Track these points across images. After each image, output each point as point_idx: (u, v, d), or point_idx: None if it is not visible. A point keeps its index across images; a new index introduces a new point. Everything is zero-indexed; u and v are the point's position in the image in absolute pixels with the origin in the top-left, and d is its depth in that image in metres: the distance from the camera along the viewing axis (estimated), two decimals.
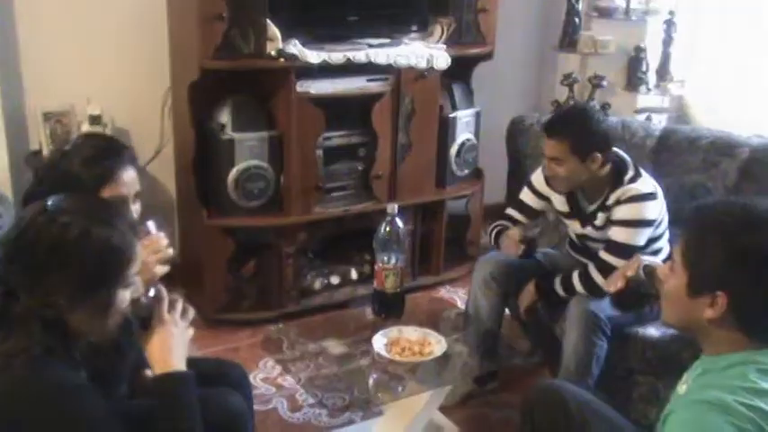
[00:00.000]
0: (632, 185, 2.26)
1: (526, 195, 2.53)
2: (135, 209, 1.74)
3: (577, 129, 2.26)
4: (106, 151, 1.72)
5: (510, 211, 2.55)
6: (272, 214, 2.99)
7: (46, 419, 1.24)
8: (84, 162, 1.67)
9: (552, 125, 2.31)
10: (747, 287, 1.30)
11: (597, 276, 2.25)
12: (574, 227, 2.44)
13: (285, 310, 3.07)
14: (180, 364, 1.43)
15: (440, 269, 3.49)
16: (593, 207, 2.34)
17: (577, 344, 2.21)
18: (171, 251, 1.72)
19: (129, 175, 1.72)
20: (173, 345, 1.45)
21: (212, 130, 2.92)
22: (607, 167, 2.27)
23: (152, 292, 1.49)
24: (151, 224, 1.73)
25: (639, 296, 1.89)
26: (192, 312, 1.53)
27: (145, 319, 1.46)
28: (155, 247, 1.69)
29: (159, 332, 1.46)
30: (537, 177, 2.50)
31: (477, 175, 3.55)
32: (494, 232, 2.52)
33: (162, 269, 1.69)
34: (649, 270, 1.75)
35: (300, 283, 3.15)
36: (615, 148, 2.34)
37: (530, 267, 2.52)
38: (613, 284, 1.92)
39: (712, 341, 1.38)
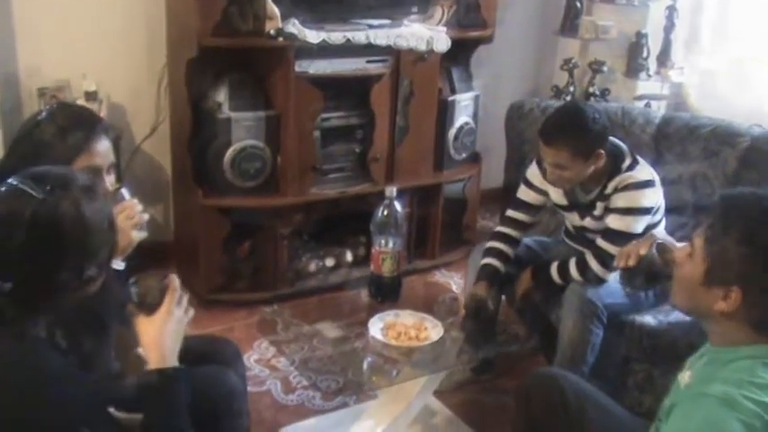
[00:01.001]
0: (630, 173, 2.24)
1: (524, 193, 2.48)
2: (110, 180, 1.73)
3: (576, 133, 2.19)
4: (80, 121, 1.70)
5: (510, 213, 2.49)
6: (267, 195, 2.97)
7: (31, 406, 1.21)
8: (57, 132, 1.65)
9: (550, 133, 2.22)
10: (765, 286, 1.29)
11: (594, 264, 2.24)
12: (572, 219, 2.42)
13: (280, 292, 3.06)
14: (174, 359, 1.41)
15: (436, 253, 3.48)
16: (590, 197, 2.32)
17: (573, 331, 2.20)
18: (146, 216, 1.72)
19: (103, 146, 1.70)
20: (171, 338, 1.42)
21: (209, 109, 2.88)
22: (605, 158, 2.25)
23: (165, 281, 1.47)
24: (125, 191, 1.75)
25: (651, 275, 1.84)
26: (192, 313, 1.50)
27: (149, 304, 1.44)
28: (129, 213, 1.69)
29: (162, 322, 1.42)
30: (532, 172, 2.45)
31: (475, 158, 3.53)
32: (483, 261, 2.45)
33: (139, 235, 1.69)
34: (663, 248, 1.72)
35: (295, 265, 3.14)
36: (610, 137, 2.31)
37: (525, 255, 2.51)
38: (623, 260, 1.89)
39: (720, 332, 1.37)
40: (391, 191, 2.27)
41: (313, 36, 2.80)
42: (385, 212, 2.25)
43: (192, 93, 2.88)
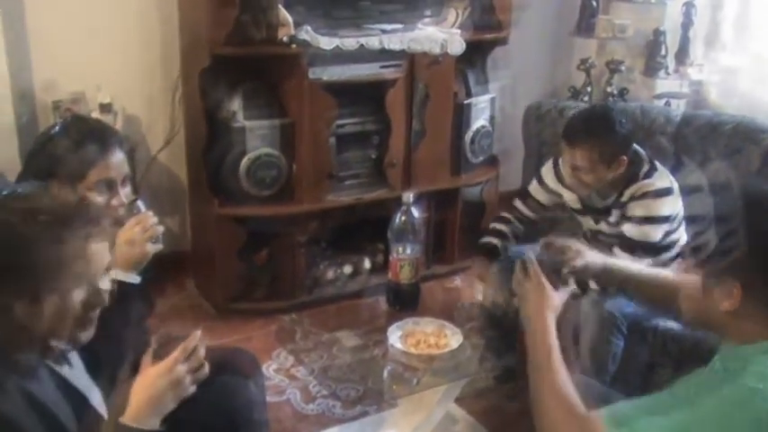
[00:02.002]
0: (647, 181, 2.19)
1: (536, 190, 2.45)
2: (124, 192, 1.73)
3: (603, 136, 2.14)
4: (93, 134, 1.71)
5: (518, 204, 2.47)
6: (283, 203, 2.96)
7: None
8: (71, 146, 1.66)
9: (575, 134, 2.17)
10: (758, 274, 1.28)
11: None
12: (587, 223, 2.38)
13: (298, 300, 3.04)
14: (152, 420, 1.28)
15: (454, 258, 3.45)
16: (606, 203, 2.28)
17: (594, 343, 2.16)
18: (161, 228, 1.71)
19: (116, 158, 1.71)
20: (159, 395, 1.29)
21: (223, 119, 2.88)
22: (625, 165, 2.20)
23: (195, 334, 1.37)
24: (140, 203, 1.75)
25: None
26: (205, 371, 1.36)
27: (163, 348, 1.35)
28: (145, 225, 1.68)
29: (155, 376, 1.30)
30: (548, 173, 2.41)
31: (493, 161, 3.49)
32: (489, 241, 2.44)
33: (154, 247, 1.69)
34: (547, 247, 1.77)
35: (313, 273, 3.12)
36: None
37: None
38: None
39: (732, 333, 1.35)
40: (408, 196, 2.24)
41: (326, 42, 2.79)
42: (402, 219, 2.22)
43: (207, 102, 2.87)
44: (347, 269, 3.19)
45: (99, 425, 1.33)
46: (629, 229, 2.18)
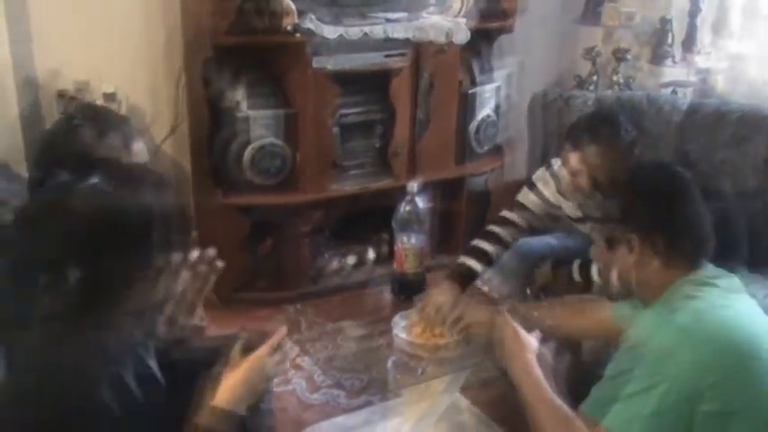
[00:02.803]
0: None
1: (528, 199, 2.39)
2: None
3: (607, 141, 2.11)
4: (114, 123, 1.72)
5: (508, 215, 2.41)
6: (287, 192, 2.95)
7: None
8: (95, 135, 1.66)
9: (578, 136, 2.13)
10: (648, 222, 1.41)
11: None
12: (586, 229, 2.36)
13: (302, 290, 3.03)
14: (242, 408, 1.38)
15: (459, 247, 3.42)
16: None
17: None
18: None
19: (138, 146, 1.73)
20: (256, 387, 1.40)
21: (227, 108, 2.87)
22: None
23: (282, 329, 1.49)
24: None
25: None
26: (286, 366, 1.55)
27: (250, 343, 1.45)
28: None
29: (247, 368, 1.40)
30: (545, 184, 2.36)
31: (498, 151, 3.48)
32: (465, 263, 2.36)
33: None
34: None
35: (317, 263, 3.11)
36: None
37: (547, 251, 2.46)
38: None
39: (648, 288, 1.44)
40: (413, 186, 2.24)
41: (330, 31, 2.77)
42: (407, 208, 2.22)
43: (210, 92, 2.85)
44: (351, 259, 3.19)
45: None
46: None
